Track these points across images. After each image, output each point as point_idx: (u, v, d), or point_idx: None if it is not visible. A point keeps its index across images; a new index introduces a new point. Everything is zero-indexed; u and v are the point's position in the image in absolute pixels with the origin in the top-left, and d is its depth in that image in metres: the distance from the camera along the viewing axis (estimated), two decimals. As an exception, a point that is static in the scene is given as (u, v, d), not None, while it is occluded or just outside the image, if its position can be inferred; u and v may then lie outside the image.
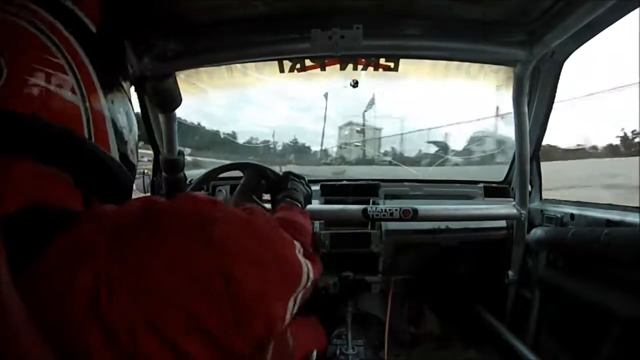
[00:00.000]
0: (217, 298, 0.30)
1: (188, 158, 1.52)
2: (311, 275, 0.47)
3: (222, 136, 3.00)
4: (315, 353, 0.98)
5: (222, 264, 0.31)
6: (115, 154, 0.43)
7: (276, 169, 0.98)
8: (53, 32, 0.37)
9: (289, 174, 0.91)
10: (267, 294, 0.35)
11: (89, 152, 0.39)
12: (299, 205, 0.81)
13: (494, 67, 1.35)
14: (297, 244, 0.48)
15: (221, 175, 1.06)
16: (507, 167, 1.65)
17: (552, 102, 1.29)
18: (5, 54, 0.33)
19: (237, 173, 1.01)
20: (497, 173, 1.73)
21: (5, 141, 0.33)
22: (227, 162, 1.06)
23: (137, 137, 0.49)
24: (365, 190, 1.55)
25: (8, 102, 0.33)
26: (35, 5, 0.37)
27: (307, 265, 0.47)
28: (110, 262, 0.27)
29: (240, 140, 3.02)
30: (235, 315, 0.31)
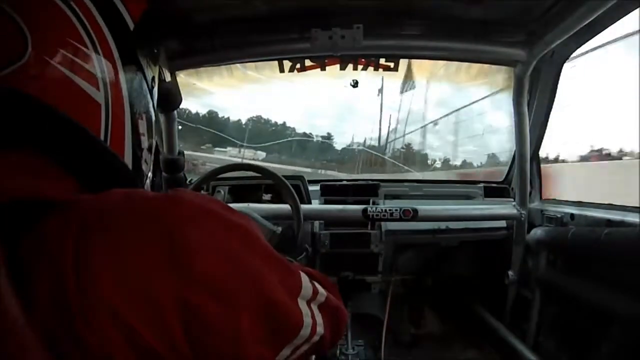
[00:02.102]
0: (170, 327, 0.25)
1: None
2: (319, 330, 0.39)
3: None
4: None
5: (183, 288, 0.25)
6: (128, 160, 0.39)
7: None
8: (88, 20, 0.34)
9: (305, 247, 0.88)
10: (239, 337, 0.28)
11: (98, 154, 0.35)
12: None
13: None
14: (309, 291, 0.39)
15: (221, 176, 1.06)
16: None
17: (552, 102, 1.30)
18: (32, 31, 0.30)
19: (237, 173, 1.00)
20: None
21: (10, 125, 0.30)
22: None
23: (153, 146, 0.45)
24: (365, 191, 1.55)
25: (27, 84, 0.30)
26: None
27: (312, 317, 0.38)
28: (77, 261, 0.23)
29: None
30: (195, 355, 0.25)
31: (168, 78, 1.04)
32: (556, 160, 2.41)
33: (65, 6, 0.33)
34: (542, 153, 1.41)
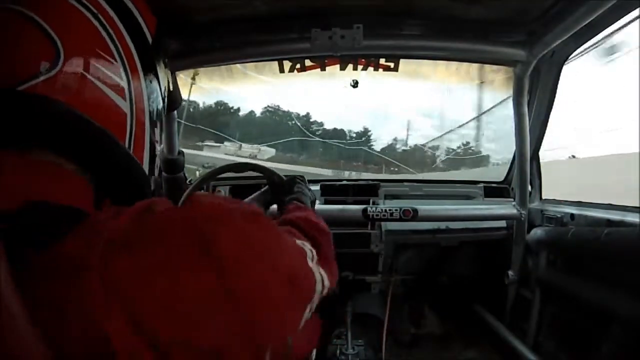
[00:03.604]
0: (224, 314, 0.27)
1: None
2: (326, 283, 0.44)
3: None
4: (314, 353, 0.98)
5: (226, 284, 0.28)
6: (146, 166, 0.41)
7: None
8: (115, 33, 0.36)
9: (294, 177, 0.90)
10: (278, 307, 0.32)
11: (124, 160, 0.37)
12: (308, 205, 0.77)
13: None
14: (308, 251, 0.44)
15: (221, 176, 1.06)
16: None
17: (552, 102, 1.29)
18: (64, 41, 0.32)
19: (235, 174, 1.00)
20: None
21: (32, 132, 0.31)
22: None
23: (161, 152, 0.47)
24: (365, 190, 1.55)
25: (59, 93, 0.32)
26: (108, 6, 0.36)
27: (320, 274, 0.43)
28: (106, 278, 0.24)
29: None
30: (244, 332, 0.28)
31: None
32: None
33: (93, 18, 0.35)
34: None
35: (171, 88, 0.51)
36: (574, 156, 7.05)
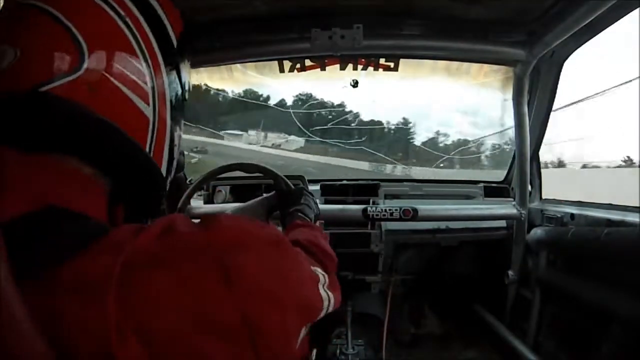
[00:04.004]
0: (238, 344, 0.27)
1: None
2: (331, 307, 0.45)
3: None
4: (315, 353, 0.98)
5: (243, 307, 0.28)
6: (164, 170, 0.41)
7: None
8: (143, 38, 0.35)
9: (302, 188, 0.89)
10: (289, 335, 0.33)
11: (145, 166, 0.37)
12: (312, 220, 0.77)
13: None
14: (321, 277, 0.45)
15: (221, 176, 1.06)
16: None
17: (552, 102, 1.29)
18: (89, 43, 0.31)
19: (236, 173, 1.00)
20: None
21: (55, 135, 0.31)
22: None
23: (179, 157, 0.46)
24: (365, 190, 1.55)
25: (83, 95, 0.31)
26: (132, 3, 0.35)
27: (328, 299, 0.44)
28: (121, 301, 0.24)
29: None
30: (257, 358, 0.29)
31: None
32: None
33: (120, 21, 0.34)
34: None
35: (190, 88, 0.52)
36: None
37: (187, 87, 0.45)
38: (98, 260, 0.25)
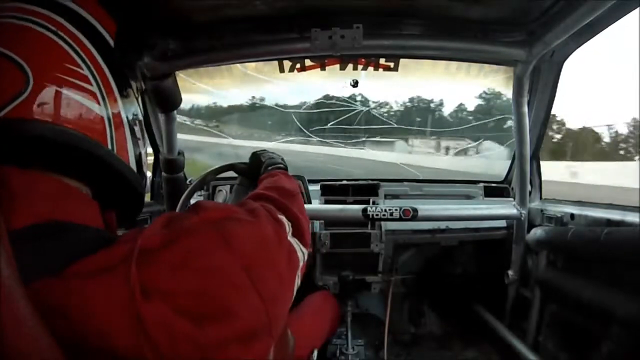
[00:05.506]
0: (243, 289, 0.33)
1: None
2: (304, 251, 0.50)
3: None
4: (315, 353, 0.98)
5: (241, 260, 0.34)
6: (133, 164, 0.43)
7: None
8: (77, 44, 0.38)
9: (253, 153, 0.88)
10: (282, 278, 0.40)
11: (116, 166, 0.39)
12: (282, 167, 0.75)
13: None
14: (286, 225, 0.47)
15: (221, 175, 1.06)
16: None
17: (552, 102, 1.30)
18: (30, 64, 0.34)
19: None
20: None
21: (29, 152, 0.33)
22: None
23: (147, 147, 0.49)
24: (365, 190, 1.55)
25: (34, 112, 0.33)
26: (58, 16, 0.37)
27: (298, 245, 0.48)
28: (142, 270, 0.28)
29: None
30: (265, 308, 0.34)
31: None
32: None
33: (54, 36, 0.36)
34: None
35: (144, 86, 0.53)
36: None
37: (137, 81, 0.48)
38: (117, 249, 0.30)
